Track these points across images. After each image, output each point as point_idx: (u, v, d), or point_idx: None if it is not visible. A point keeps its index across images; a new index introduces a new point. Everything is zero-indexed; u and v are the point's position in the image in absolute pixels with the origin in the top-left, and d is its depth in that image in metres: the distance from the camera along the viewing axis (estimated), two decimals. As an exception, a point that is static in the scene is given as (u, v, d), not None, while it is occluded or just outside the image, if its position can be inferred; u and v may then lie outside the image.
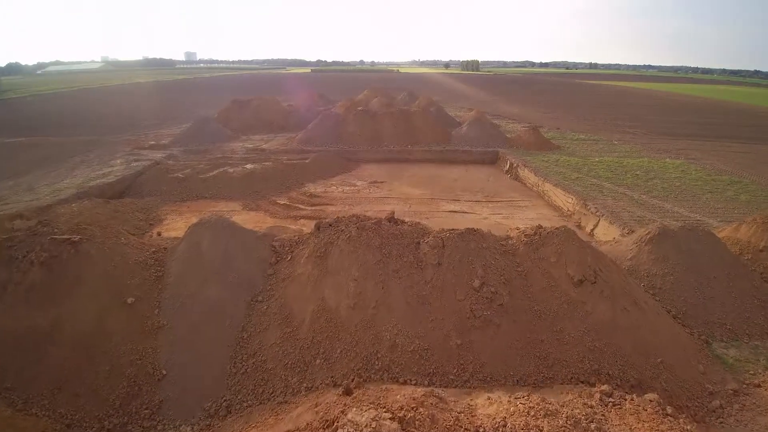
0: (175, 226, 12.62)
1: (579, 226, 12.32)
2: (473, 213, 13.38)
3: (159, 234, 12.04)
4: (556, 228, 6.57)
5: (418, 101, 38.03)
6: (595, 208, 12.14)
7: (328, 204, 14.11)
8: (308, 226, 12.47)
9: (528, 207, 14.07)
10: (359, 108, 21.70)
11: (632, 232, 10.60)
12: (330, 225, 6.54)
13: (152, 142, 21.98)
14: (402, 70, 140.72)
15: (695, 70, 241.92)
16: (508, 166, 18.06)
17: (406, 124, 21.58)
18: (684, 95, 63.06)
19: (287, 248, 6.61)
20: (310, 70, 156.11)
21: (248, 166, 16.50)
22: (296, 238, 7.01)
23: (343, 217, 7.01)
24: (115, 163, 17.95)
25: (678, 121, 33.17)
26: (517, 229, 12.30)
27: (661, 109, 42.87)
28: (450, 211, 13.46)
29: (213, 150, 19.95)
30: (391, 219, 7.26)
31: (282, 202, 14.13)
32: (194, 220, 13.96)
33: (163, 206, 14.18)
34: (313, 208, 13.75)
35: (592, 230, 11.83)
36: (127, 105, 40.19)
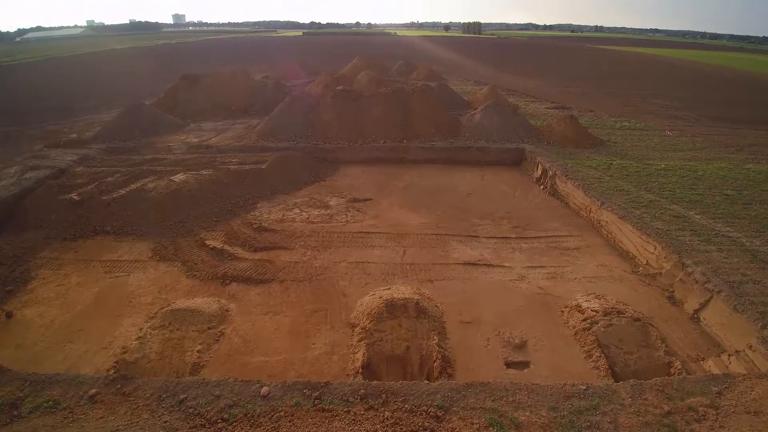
0: (42, 294, 8.02)
1: (672, 300, 7.76)
2: (501, 266, 8.74)
3: (8, 316, 7.45)
4: None
5: (417, 72, 32.55)
6: (702, 273, 7.53)
7: (281, 247, 9.42)
8: (240, 299, 7.87)
9: (581, 250, 9.44)
10: (339, 87, 16.55)
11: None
12: None
13: (73, 136, 16.95)
14: (399, 33, 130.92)
15: (702, 35, 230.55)
16: (540, 173, 13.27)
17: (401, 109, 16.52)
18: (709, 65, 56.84)
19: None
20: (302, 33, 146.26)
21: (177, 177, 11.66)
22: None
23: None
24: (7, 173, 13.02)
25: (721, 99, 27.95)
26: (579, 310, 7.80)
27: (696, 82, 37.41)
28: (466, 263, 8.81)
29: (143, 148, 14.97)
30: None
31: (213, 244, 9.42)
32: (75, 279, 9.46)
33: (44, 250, 9.52)
34: (258, 255, 9.07)
35: (698, 312, 7.28)
36: (79, 80, 34.19)
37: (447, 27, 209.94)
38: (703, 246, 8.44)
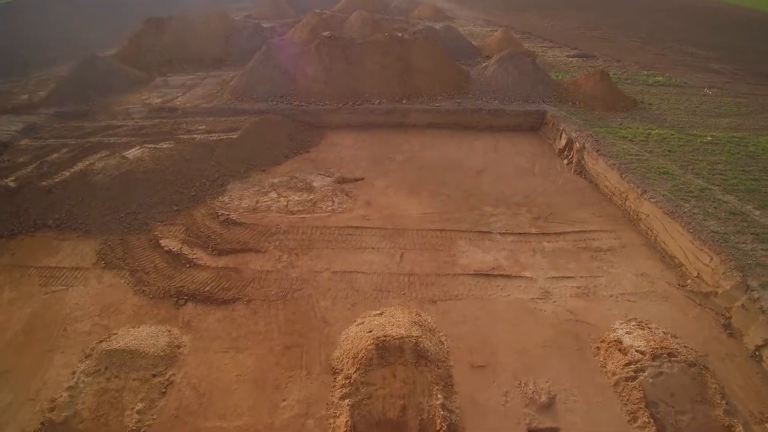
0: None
1: (728, 329, 6.29)
2: (520, 277, 7.17)
3: None
4: None
5: (419, 9, 28.88)
6: (776, 298, 5.98)
7: (251, 248, 7.77)
8: (195, 328, 6.35)
9: (616, 252, 7.83)
10: (326, 33, 13.89)
11: None
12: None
13: (24, 97, 14.56)
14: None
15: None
16: (564, 144, 11.30)
17: (400, 60, 14.05)
18: (741, 7, 51.18)
19: None
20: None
21: (131, 153, 9.72)
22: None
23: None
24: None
25: (762, 49, 24.80)
26: (619, 349, 6.32)
27: (730, 26, 33.48)
28: (477, 274, 7.23)
29: (98, 111, 12.77)
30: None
31: (169, 245, 7.78)
32: (7, 294, 7.65)
33: (-27, 249, 7.92)
34: (222, 261, 7.46)
35: (760, 349, 5.83)
36: (41, 24, 29.82)
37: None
38: (766, 256, 6.83)
